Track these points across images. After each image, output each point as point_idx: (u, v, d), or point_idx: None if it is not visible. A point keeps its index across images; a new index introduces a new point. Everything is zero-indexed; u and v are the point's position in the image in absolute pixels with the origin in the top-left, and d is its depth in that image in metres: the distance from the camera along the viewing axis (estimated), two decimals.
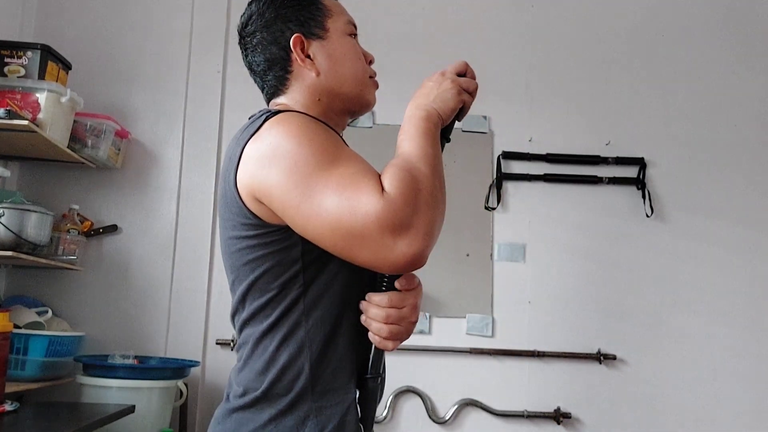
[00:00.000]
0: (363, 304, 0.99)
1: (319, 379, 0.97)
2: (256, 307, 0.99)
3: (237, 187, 0.96)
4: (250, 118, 1.08)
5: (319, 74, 1.09)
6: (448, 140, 1.05)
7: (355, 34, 1.15)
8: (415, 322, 1.01)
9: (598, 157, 2.66)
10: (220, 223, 1.06)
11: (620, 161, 2.66)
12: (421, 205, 0.86)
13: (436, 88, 1.03)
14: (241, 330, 1.03)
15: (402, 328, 0.98)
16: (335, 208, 0.86)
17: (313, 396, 0.96)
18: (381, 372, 1.03)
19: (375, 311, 0.97)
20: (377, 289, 0.99)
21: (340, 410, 0.97)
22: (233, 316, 1.04)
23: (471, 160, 2.65)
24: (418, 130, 0.96)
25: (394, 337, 0.97)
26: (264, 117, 0.97)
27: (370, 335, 0.99)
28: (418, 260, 0.87)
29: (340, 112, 1.13)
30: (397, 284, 0.97)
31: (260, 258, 0.97)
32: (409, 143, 0.95)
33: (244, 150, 0.95)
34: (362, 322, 0.99)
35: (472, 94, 1.05)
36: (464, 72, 1.06)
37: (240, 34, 1.15)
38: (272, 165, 0.91)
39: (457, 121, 1.06)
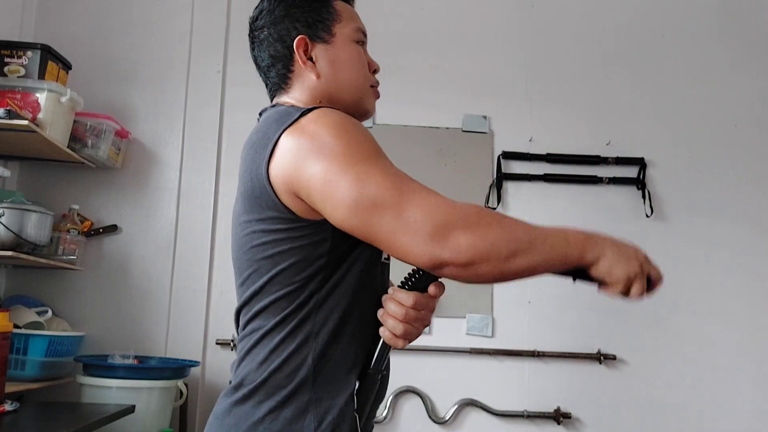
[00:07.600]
0: (385, 298, 1.00)
1: (320, 371, 0.97)
2: (271, 300, 0.98)
3: (270, 180, 0.95)
4: (261, 114, 1.09)
5: (319, 77, 1.09)
6: (574, 279, 1.00)
7: (364, 42, 1.15)
8: (428, 325, 1.02)
9: (598, 157, 2.66)
10: (240, 215, 1.03)
11: (620, 161, 2.66)
12: (481, 229, 0.90)
13: (629, 250, 0.96)
14: (248, 322, 1.01)
15: (415, 329, 0.99)
16: (380, 196, 0.88)
17: (314, 388, 0.96)
18: (384, 368, 1.03)
19: (395, 308, 0.98)
20: (402, 285, 0.99)
21: (339, 402, 0.97)
22: (241, 308, 1.04)
23: (471, 160, 2.65)
24: (561, 235, 0.95)
25: (406, 337, 0.98)
26: (300, 111, 0.97)
27: (382, 330, 0.99)
28: (443, 268, 0.88)
29: None
30: (431, 289, 0.98)
31: (286, 252, 0.97)
32: (541, 228, 0.95)
33: (278, 143, 0.95)
34: (378, 316, 1.00)
35: (632, 287, 0.95)
36: (657, 282, 0.97)
37: (250, 26, 1.15)
38: (314, 157, 0.91)
39: (599, 287, 0.99)
